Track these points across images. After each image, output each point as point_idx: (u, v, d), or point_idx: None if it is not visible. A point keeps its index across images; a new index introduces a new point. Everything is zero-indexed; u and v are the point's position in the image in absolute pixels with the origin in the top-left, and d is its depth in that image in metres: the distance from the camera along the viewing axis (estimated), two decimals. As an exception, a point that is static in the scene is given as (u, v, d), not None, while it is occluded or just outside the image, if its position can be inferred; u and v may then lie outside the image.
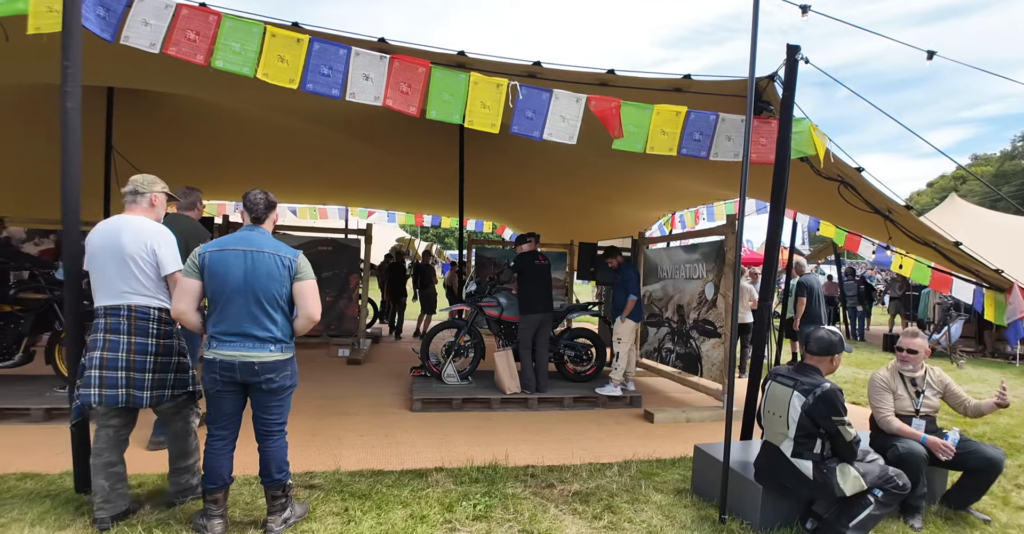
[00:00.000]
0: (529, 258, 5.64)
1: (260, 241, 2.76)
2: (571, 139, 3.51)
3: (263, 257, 2.72)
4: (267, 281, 2.70)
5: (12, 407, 4.45)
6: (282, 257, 2.75)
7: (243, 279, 2.68)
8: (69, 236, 2.95)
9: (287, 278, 2.76)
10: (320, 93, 3.19)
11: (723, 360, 5.60)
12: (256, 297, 2.69)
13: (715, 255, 5.79)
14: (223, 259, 2.69)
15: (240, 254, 2.70)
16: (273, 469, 2.79)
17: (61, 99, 2.87)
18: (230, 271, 2.67)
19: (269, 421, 2.80)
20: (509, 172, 9.49)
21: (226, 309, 2.69)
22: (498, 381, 5.59)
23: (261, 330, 2.70)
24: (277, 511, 2.81)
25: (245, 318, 2.69)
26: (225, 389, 2.72)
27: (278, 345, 2.74)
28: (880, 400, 3.41)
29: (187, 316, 2.72)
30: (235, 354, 2.67)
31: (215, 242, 2.77)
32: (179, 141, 8.46)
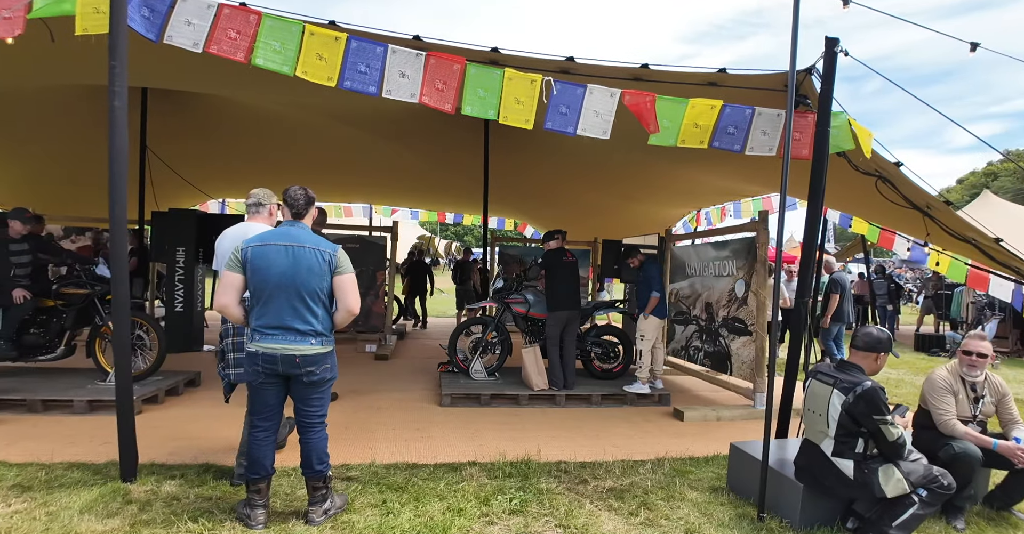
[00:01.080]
0: (557, 255, 5.63)
1: (301, 236, 2.81)
2: (604, 134, 3.50)
3: (304, 252, 2.76)
4: (308, 275, 2.74)
5: (56, 399, 4.59)
6: (322, 252, 2.79)
7: (285, 273, 2.72)
8: (116, 231, 3.02)
9: (327, 272, 2.80)
10: (357, 90, 3.22)
11: (754, 358, 5.53)
12: (298, 291, 2.73)
13: (746, 252, 5.72)
14: (265, 254, 2.73)
15: (282, 249, 2.74)
16: (314, 460, 2.84)
17: (108, 98, 2.95)
18: (272, 266, 2.72)
19: (310, 413, 2.85)
20: (532, 169, 9.48)
21: (268, 303, 2.73)
22: (525, 378, 5.60)
23: (302, 323, 2.74)
24: (318, 502, 2.85)
25: (287, 312, 2.73)
26: (267, 381, 2.78)
27: (319, 338, 2.78)
28: (942, 402, 3.29)
29: (230, 309, 2.77)
30: (277, 347, 2.71)
31: (257, 237, 2.82)
32: (209, 140, 8.62)
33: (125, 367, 3.10)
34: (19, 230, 4.76)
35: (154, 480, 3.20)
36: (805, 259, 3.89)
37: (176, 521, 2.75)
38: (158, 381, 5.08)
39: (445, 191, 11.35)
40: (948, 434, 3.26)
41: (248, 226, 3.65)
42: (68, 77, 5.73)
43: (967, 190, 45.06)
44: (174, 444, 3.89)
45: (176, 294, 7.48)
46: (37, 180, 9.50)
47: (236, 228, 3.31)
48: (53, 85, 5.97)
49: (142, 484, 3.15)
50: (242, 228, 3.38)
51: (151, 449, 3.69)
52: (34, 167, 8.98)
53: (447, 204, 13.40)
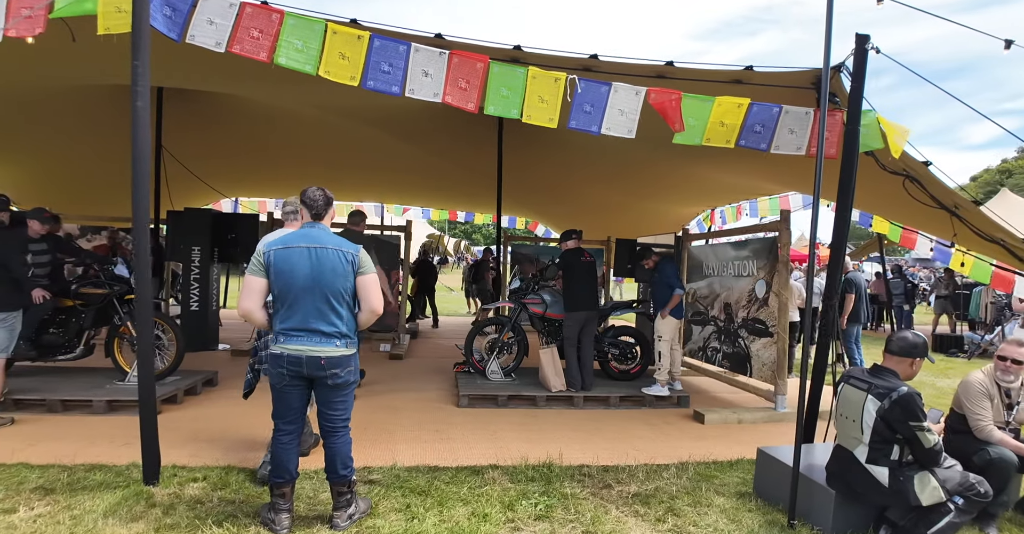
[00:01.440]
0: (575, 255, 5.57)
1: (323, 237, 2.78)
2: (630, 133, 3.44)
3: (327, 253, 2.73)
4: (332, 276, 2.72)
5: (75, 399, 4.60)
6: (345, 252, 2.77)
7: (309, 275, 2.70)
8: (139, 233, 3.00)
9: (351, 273, 2.77)
10: (380, 90, 3.18)
11: (775, 360, 5.45)
12: (323, 293, 2.71)
13: (767, 252, 5.63)
14: (288, 256, 2.71)
15: (304, 251, 2.72)
16: (339, 465, 2.81)
17: (131, 98, 2.92)
18: (296, 268, 2.69)
19: (334, 417, 2.83)
20: (545, 167, 9.42)
21: (293, 305, 2.71)
22: (543, 378, 5.55)
23: (327, 325, 2.72)
24: (343, 507, 2.82)
25: (312, 313, 2.71)
26: (291, 383, 2.75)
27: (343, 340, 2.76)
28: (979, 406, 3.21)
29: (255, 314, 2.75)
30: (302, 348, 2.69)
31: (279, 240, 2.78)
32: (221, 139, 8.63)
33: (148, 370, 3.09)
34: (38, 230, 4.76)
35: (176, 482, 3.18)
36: (833, 260, 3.81)
37: (201, 525, 2.73)
38: (176, 381, 5.08)
39: (457, 189, 11.32)
40: (984, 439, 3.19)
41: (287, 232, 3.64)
42: (84, 77, 5.74)
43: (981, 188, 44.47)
44: (195, 445, 3.88)
45: (191, 293, 7.49)
46: (53, 180, 9.55)
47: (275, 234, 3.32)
48: (69, 85, 5.98)
49: (165, 487, 3.13)
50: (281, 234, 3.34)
51: (172, 450, 3.67)
52: (51, 167, 9.04)
53: (459, 203, 13.38)
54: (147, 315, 3.03)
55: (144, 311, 3.02)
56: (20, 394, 4.58)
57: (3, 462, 3.45)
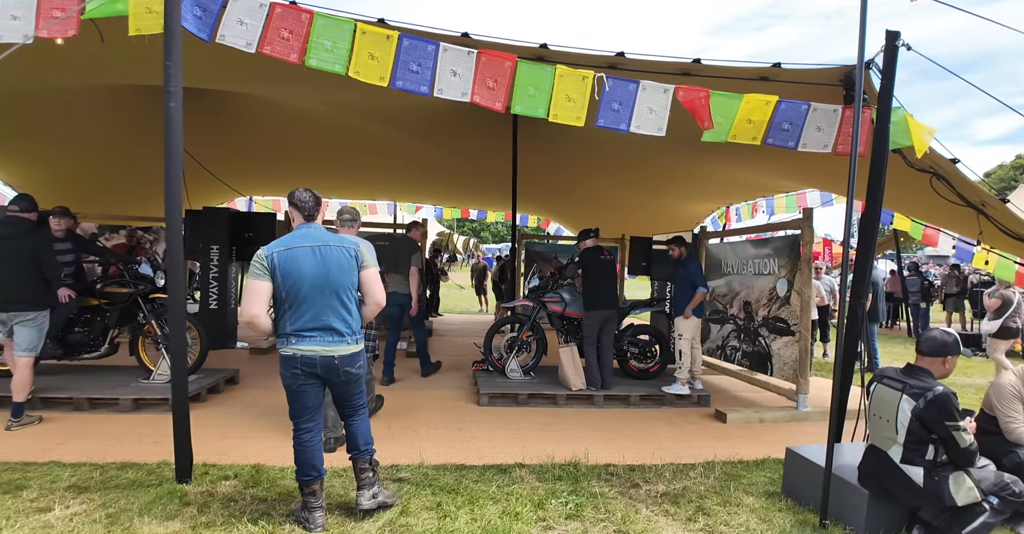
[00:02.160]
0: (594, 253, 5.56)
1: (323, 236, 2.80)
2: (659, 131, 3.42)
3: (331, 250, 2.75)
4: (340, 273, 2.74)
5: (102, 397, 4.64)
6: (347, 248, 2.79)
7: (318, 274, 2.70)
8: (172, 231, 3.02)
9: (355, 267, 2.81)
10: (409, 90, 3.18)
11: (796, 359, 5.42)
12: (333, 289, 2.73)
13: (789, 250, 5.59)
14: (293, 257, 2.69)
15: (309, 250, 2.72)
16: (360, 441, 2.90)
17: (164, 98, 2.94)
18: (303, 267, 2.69)
19: (353, 404, 2.93)
20: (559, 164, 9.40)
21: (303, 304, 2.69)
22: (563, 377, 5.55)
23: (340, 322, 2.74)
24: (366, 485, 2.86)
25: (325, 311, 2.71)
26: (307, 383, 2.75)
27: (354, 337, 2.80)
28: (1011, 408, 3.18)
29: (260, 319, 2.67)
30: (316, 348, 2.70)
31: (278, 242, 2.77)
32: (237, 138, 8.66)
33: (181, 370, 3.11)
34: (56, 227, 4.81)
35: (208, 481, 3.21)
36: (861, 259, 3.78)
37: (236, 523, 2.75)
38: (200, 379, 5.12)
39: (471, 187, 11.32)
40: (1015, 441, 3.15)
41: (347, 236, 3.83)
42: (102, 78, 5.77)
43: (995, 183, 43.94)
44: (222, 443, 3.91)
45: (210, 292, 7.55)
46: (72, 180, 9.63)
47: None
48: (87, 86, 6.03)
49: (197, 485, 3.16)
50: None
51: (201, 448, 3.68)
52: (69, 167, 9.11)
53: (471, 201, 13.38)
54: (180, 314, 3.05)
55: (177, 310, 3.04)
56: (47, 392, 4.63)
57: (35, 460, 3.49)
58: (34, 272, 4.27)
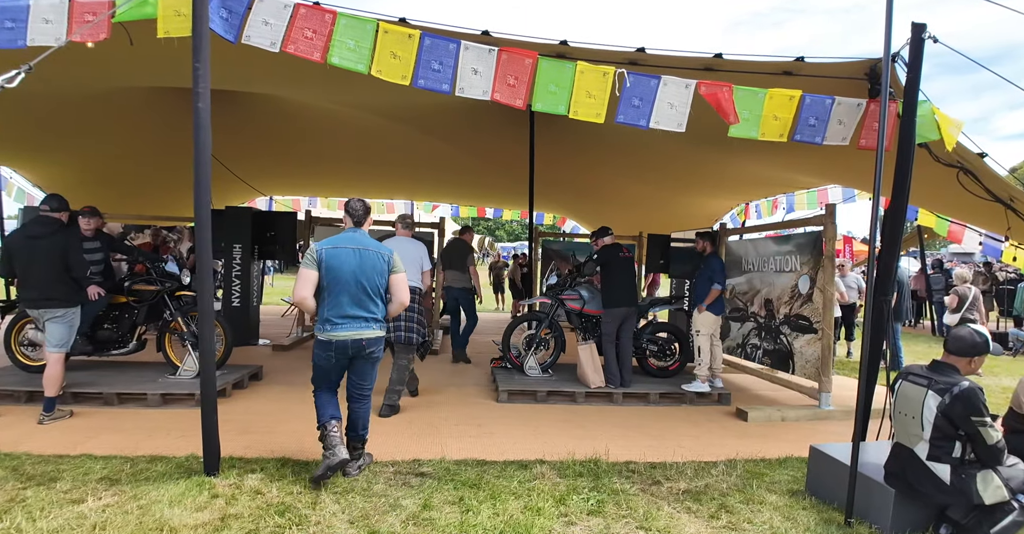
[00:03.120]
0: (613, 251, 5.54)
1: (365, 241, 3.35)
2: (680, 127, 3.41)
3: (369, 254, 3.30)
4: (372, 273, 3.27)
5: (131, 392, 4.75)
6: (383, 255, 3.35)
7: (354, 271, 3.23)
8: (201, 230, 3.07)
9: (386, 271, 3.35)
10: (431, 89, 3.21)
11: (819, 357, 5.36)
12: (364, 286, 3.25)
13: (811, 247, 5.53)
14: (338, 255, 3.23)
15: (351, 251, 3.27)
16: (359, 427, 3.44)
17: (193, 99, 3.00)
18: (343, 266, 3.22)
19: (363, 385, 3.43)
20: (576, 162, 9.38)
21: (340, 295, 3.22)
22: (581, 375, 5.55)
23: (367, 312, 3.27)
24: (355, 459, 3.41)
25: (355, 302, 3.24)
26: (337, 363, 3.29)
27: (378, 324, 3.34)
28: None
29: (308, 301, 3.21)
30: (348, 334, 3.22)
31: (328, 241, 3.31)
32: (257, 139, 8.77)
33: (209, 365, 3.17)
34: (85, 227, 4.92)
35: (236, 474, 3.27)
36: (888, 256, 3.72)
37: (264, 515, 2.80)
38: (225, 375, 5.21)
39: (487, 185, 11.34)
40: None
41: (400, 238, 5.09)
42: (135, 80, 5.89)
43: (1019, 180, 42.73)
44: (248, 437, 3.98)
45: (233, 290, 7.67)
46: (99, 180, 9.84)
47: (391, 240, 4.96)
48: (120, 88, 6.15)
49: (225, 478, 3.22)
50: (395, 240, 4.99)
51: (227, 443, 3.76)
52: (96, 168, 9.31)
53: (488, 199, 13.40)
54: (209, 312, 3.11)
55: (206, 308, 3.10)
56: (78, 388, 4.75)
57: (67, 453, 3.58)
58: (64, 271, 4.38)
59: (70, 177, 9.78)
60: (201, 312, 3.10)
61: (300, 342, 8.14)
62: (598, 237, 5.74)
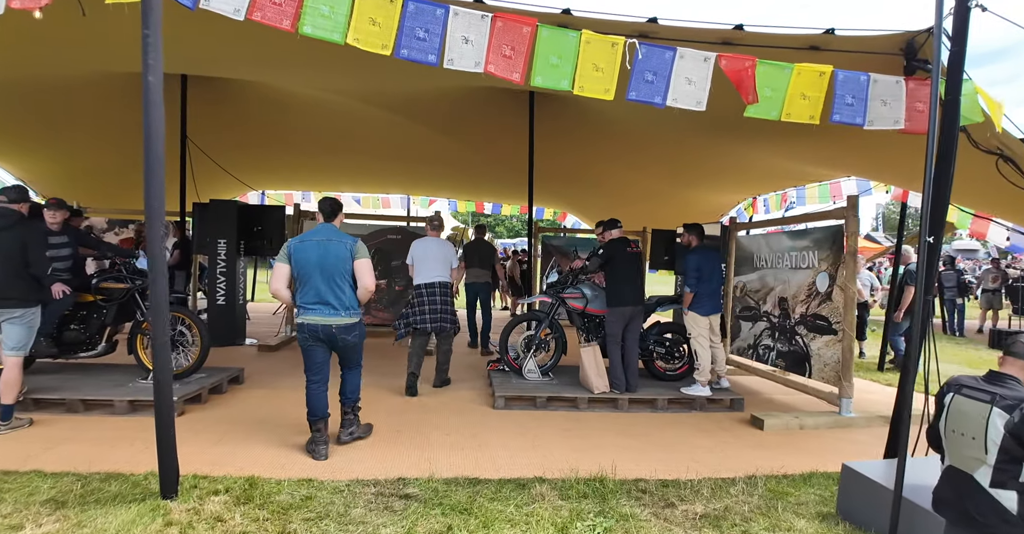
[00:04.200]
0: (620, 245, 5.16)
1: (330, 233, 3.65)
2: (699, 105, 3.03)
3: (332, 244, 3.58)
4: (335, 261, 3.55)
5: (96, 399, 4.38)
6: (344, 243, 3.60)
7: (319, 261, 3.52)
8: (152, 221, 2.70)
9: (349, 258, 3.58)
10: (415, 60, 2.82)
11: (839, 360, 4.99)
12: (330, 274, 3.53)
13: (830, 242, 5.15)
14: (304, 248, 3.57)
15: (316, 243, 3.58)
16: (348, 390, 3.82)
17: (143, 72, 2.61)
18: (310, 256, 3.54)
19: (350, 361, 3.80)
20: (577, 155, 9.01)
21: (308, 283, 3.55)
22: (584, 379, 5.18)
23: (335, 299, 3.54)
24: (345, 425, 3.82)
25: (323, 290, 3.53)
26: (314, 344, 3.59)
27: (347, 311, 3.57)
28: None
29: (282, 292, 3.61)
30: (317, 319, 3.53)
31: (298, 237, 3.65)
32: (248, 130, 8.42)
33: (164, 374, 2.80)
34: (51, 220, 4.55)
35: (196, 496, 2.91)
36: (929, 252, 3.34)
37: None
38: (201, 378, 4.85)
39: (485, 179, 10.96)
40: None
41: (428, 239, 5.48)
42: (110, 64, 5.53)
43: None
44: (217, 450, 3.62)
45: (218, 287, 7.30)
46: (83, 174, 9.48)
47: (422, 240, 5.47)
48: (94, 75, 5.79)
49: (183, 501, 2.86)
50: (424, 240, 5.45)
51: (193, 456, 3.42)
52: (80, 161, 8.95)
53: (486, 193, 13.01)
54: (162, 313, 2.74)
55: (159, 308, 2.73)
56: (40, 393, 4.39)
57: (16, 469, 3.22)
58: (22, 267, 4.01)
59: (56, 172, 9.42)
60: (153, 311, 2.73)
61: (289, 342, 7.76)
62: (606, 229, 5.32)
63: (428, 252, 5.29)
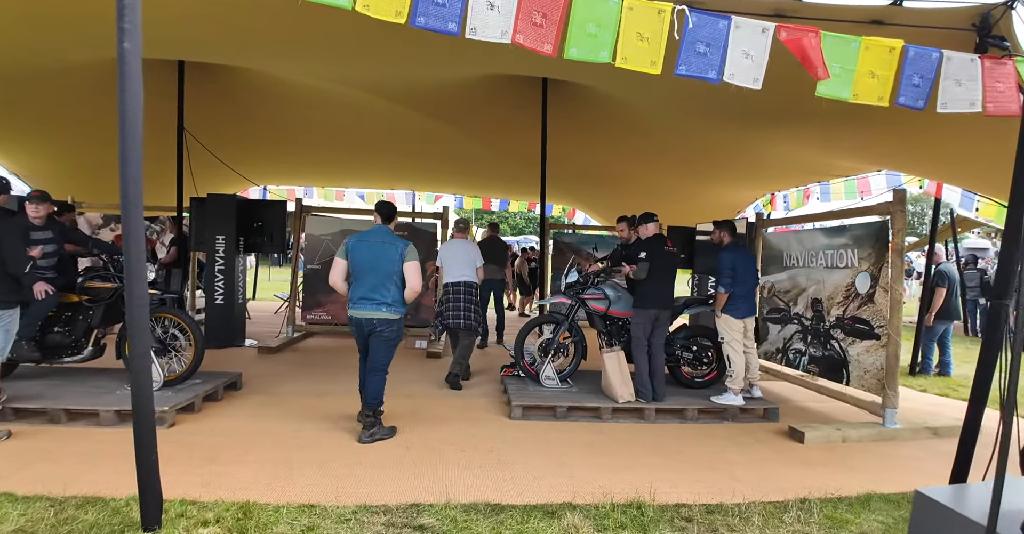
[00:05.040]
0: (658, 244, 4.73)
1: (385, 235, 3.95)
2: (755, 83, 2.66)
3: (385, 246, 3.87)
4: (387, 263, 3.83)
5: (80, 408, 4.04)
6: (397, 246, 3.88)
7: (372, 260, 3.83)
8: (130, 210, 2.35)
9: (399, 260, 3.84)
10: (433, 29, 2.46)
11: (881, 367, 4.63)
12: (380, 273, 3.82)
13: (873, 239, 4.78)
14: (360, 247, 3.88)
15: (371, 244, 3.88)
16: (369, 397, 3.90)
17: (117, 38, 2.25)
18: (363, 255, 3.85)
19: (376, 360, 3.91)
20: (590, 148, 8.64)
21: (360, 280, 3.85)
22: (607, 387, 4.81)
23: (380, 296, 3.82)
24: (366, 427, 3.89)
25: (371, 287, 3.82)
26: (359, 334, 3.94)
27: (390, 308, 3.83)
28: None
29: (338, 284, 3.93)
30: (361, 313, 3.84)
31: (356, 236, 3.95)
32: (250, 124, 8.08)
33: (144, 389, 2.46)
34: (33, 214, 4.21)
35: (183, 527, 2.56)
36: (1006, 248, 2.97)
37: None
38: (195, 385, 4.51)
39: (494, 174, 10.59)
40: None
41: (455, 241, 5.84)
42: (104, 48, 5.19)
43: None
44: (210, 468, 3.27)
45: (216, 285, 6.95)
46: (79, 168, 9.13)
47: (449, 242, 5.91)
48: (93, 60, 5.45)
49: (168, 532, 2.51)
50: (451, 243, 5.83)
51: (183, 477, 3.08)
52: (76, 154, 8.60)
53: (493, 189, 12.65)
54: (139, 316, 2.39)
55: (137, 313, 2.37)
56: (20, 402, 4.04)
57: (-15, 492, 2.88)
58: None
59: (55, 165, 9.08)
60: (129, 316, 2.38)
61: (290, 344, 7.41)
62: (642, 223, 4.85)
63: (455, 253, 5.54)
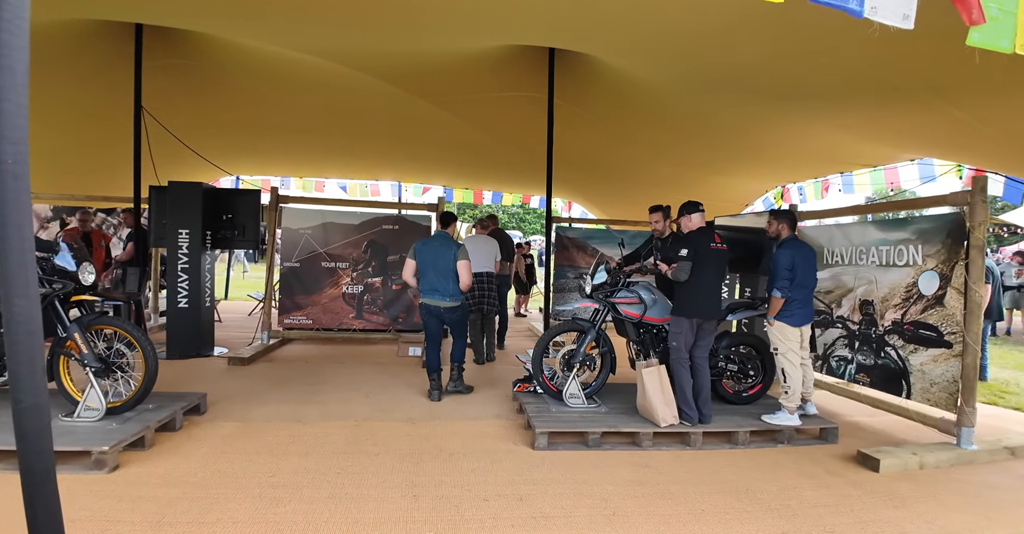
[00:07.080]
0: (704, 240, 4.04)
1: (444, 240, 4.92)
2: (905, 21, 1.96)
3: (442, 249, 4.80)
4: (444, 262, 4.77)
5: None
6: (452, 249, 4.80)
7: (433, 260, 4.77)
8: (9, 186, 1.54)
9: (452, 259, 4.77)
10: None
11: (953, 379, 4.02)
12: (440, 270, 4.76)
13: (943, 234, 4.15)
14: (424, 249, 4.83)
15: (432, 247, 4.82)
16: (454, 355, 4.96)
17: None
18: (427, 257, 4.79)
19: (455, 332, 5.11)
20: (593, 134, 7.95)
21: (426, 275, 4.79)
22: (644, 407, 4.10)
23: (442, 287, 4.77)
24: (452, 378, 5.01)
25: (435, 281, 4.78)
26: (429, 318, 4.87)
27: (450, 297, 4.78)
28: None
29: (411, 281, 4.91)
30: (431, 301, 4.80)
31: (423, 241, 4.95)
32: (219, 103, 7.21)
33: (39, 434, 1.65)
34: None
35: None
36: None
37: None
38: (147, 412, 3.70)
39: (488, 162, 9.82)
40: None
41: (477, 236, 6.62)
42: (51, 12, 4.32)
43: None
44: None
45: (179, 287, 6.08)
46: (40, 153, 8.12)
47: (472, 237, 6.68)
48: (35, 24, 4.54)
49: None
50: (473, 238, 6.60)
51: (119, 554, 2.29)
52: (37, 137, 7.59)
53: (487, 180, 11.86)
54: (25, 328, 1.59)
55: (22, 342, 1.58)
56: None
57: None
58: None
59: None
60: (6, 326, 1.58)
61: (265, 352, 6.55)
62: (685, 214, 4.15)
63: (478, 248, 6.05)
